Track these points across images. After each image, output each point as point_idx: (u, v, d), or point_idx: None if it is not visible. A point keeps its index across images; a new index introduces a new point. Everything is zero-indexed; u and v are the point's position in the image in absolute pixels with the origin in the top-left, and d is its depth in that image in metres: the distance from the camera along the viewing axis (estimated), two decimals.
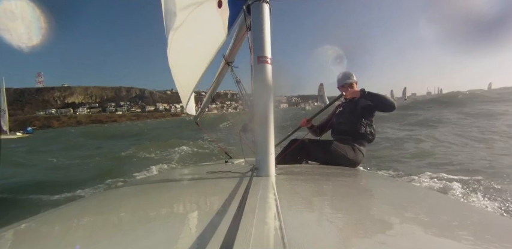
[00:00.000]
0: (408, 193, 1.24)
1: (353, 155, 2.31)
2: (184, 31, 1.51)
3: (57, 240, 0.68)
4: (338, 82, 2.65)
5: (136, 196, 1.24)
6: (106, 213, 0.92)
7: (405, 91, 65.40)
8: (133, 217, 0.83)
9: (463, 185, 3.37)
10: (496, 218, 0.89)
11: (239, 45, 1.71)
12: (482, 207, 2.20)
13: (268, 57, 1.23)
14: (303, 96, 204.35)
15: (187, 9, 1.49)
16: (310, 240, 0.52)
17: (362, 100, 2.42)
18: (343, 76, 2.63)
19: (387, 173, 4.38)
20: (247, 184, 0.99)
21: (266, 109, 1.19)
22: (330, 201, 0.95)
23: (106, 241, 0.61)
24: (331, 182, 1.39)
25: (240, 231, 0.51)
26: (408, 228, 0.64)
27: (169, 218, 0.78)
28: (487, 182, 3.42)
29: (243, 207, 0.66)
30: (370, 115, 2.47)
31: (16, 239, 0.75)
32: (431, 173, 4.02)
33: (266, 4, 1.27)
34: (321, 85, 38.10)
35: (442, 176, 3.81)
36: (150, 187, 1.47)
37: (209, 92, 2.51)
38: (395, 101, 2.28)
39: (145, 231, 0.65)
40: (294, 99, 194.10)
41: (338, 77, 2.66)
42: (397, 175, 4.20)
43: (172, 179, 1.71)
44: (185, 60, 1.64)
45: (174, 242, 0.57)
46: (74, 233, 0.73)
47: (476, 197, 2.99)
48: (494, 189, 3.19)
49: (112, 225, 0.75)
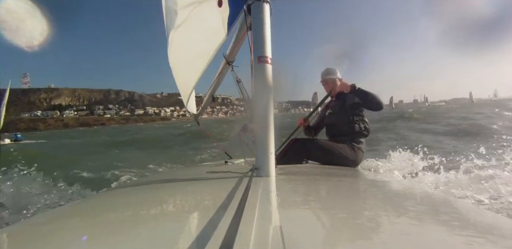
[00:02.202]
0: (409, 193, 1.25)
1: (353, 155, 2.33)
2: (185, 30, 1.51)
3: (57, 240, 0.67)
4: (321, 77, 2.69)
5: (136, 196, 1.23)
6: (105, 213, 0.91)
7: (392, 100, 67.04)
8: (133, 217, 0.81)
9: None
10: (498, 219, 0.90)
11: (239, 44, 1.72)
12: (483, 208, 2.23)
13: (269, 56, 1.23)
14: (294, 102, 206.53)
15: (188, 8, 1.49)
16: (310, 240, 0.52)
17: (349, 97, 2.45)
18: (326, 72, 2.66)
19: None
20: (247, 184, 0.99)
21: (266, 109, 1.19)
22: (330, 201, 0.95)
23: (105, 241, 0.61)
24: (331, 182, 1.39)
25: (239, 231, 0.51)
26: (409, 228, 0.64)
27: (169, 218, 0.77)
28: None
29: (243, 208, 0.66)
30: (360, 111, 2.48)
31: (16, 239, 0.74)
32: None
33: (266, 4, 1.27)
34: (315, 94, 38.77)
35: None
36: (150, 187, 1.47)
37: (210, 91, 2.50)
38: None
39: (145, 231, 0.64)
40: (285, 105, 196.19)
41: (322, 72, 2.70)
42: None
43: (173, 179, 1.71)
44: (186, 58, 1.64)
45: (173, 242, 0.56)
46: (73, 233, 0.72)
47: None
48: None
49: (111, 225, 0.74)
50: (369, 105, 2.36)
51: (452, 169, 3.82)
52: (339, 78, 2.61)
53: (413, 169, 4.07)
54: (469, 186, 3.11)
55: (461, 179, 3.39)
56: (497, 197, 2.77)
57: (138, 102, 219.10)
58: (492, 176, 3.21)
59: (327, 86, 2.62)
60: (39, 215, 0.98)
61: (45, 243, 0.64)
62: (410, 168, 4.09)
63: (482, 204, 2.68)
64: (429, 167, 4.04)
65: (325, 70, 2.67)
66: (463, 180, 3.36)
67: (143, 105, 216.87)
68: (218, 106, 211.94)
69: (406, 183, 2.30)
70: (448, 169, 3.78)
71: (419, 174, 3.90)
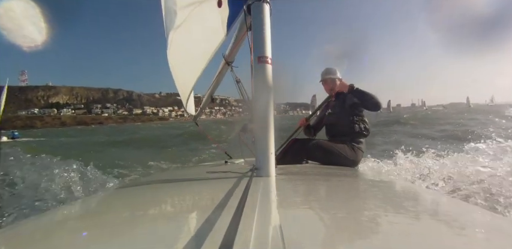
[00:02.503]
0: (409, 193, 1.25)
1: (352, 155, 2.33)
2: (185, 30, 1.51)
3: (57, 240, 0.67)
4: (321, 77, 2.71)
5: (136, 196, 1.22)
6: (105, 213, 0.90)
7: (390, 104, 67.12)
8: (133, 217, 0.81)
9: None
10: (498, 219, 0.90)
11: (239, 44, 1.71)
12: (483, 208, 2.23)
13: (269, 57, 1.24)
14: (292, 104, 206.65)
15: (188, 8, 1.49)
16: (310, 240, 0.52)
17: (348, 98, 2.45)
18: (326, 71, 2.68)
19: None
20: (247, 184, 0.99)
21: (266, 109, 1.19)
22: (330, 201, 0.95)
23: (105, 241, 0.60)
24: (331, 182, 1.39)
25: (239, 232, 0.51)
26: (409, 228, 0.64)
27: (168, 218, 0.77)
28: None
29: (243, 208, 0.66)
30: (359, 111, 2.49)
31: (16, 239, 0.73)
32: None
33: (266, 4, 1.28)
34: (314, 96, 38.84)
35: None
36: (149, 186, 1.46)
37: (209, 92, 2.50)
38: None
39: (144, 231, 0.64)
40: (283, 107, 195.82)
41: (322, 72, 2.71)
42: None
43: (172, 179, 1.70)
44: (185, 59, 1.64)
45: (173, 242, 0.56)
46: (73, 233, 0.71)
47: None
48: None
49: (111, 224, 0.74)
50: (366, 104, 2.37)
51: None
52: (339, 78, 2.62)
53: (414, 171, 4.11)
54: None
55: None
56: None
57: (137, 102, 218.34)
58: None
59: (327, 86, 2.63)
60: (40, 215, 0.97)
61: (45, 244, 0.64)
62: (412, 170, 4.13)
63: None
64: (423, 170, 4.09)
65: (325, 70, 2.68)
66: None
67: (141, 104, 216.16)
68: (216, 107, 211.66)
69: (406, 183, 2.31)
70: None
71: (418, 176, 3.94)
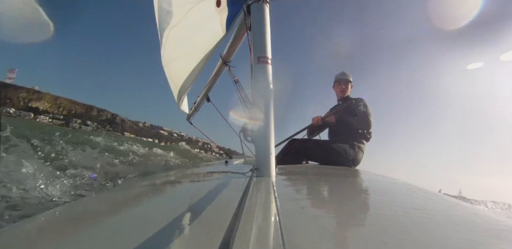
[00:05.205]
0: (409, 193, 1.26)
1: (353, 154, 2.35)
2: (182, 29, 1.49)
3: (57, 240, 0.66)
4: (335, 78, 2.78)
5: (135, 196, 1.21)
6: (104, 213, 0.90)
7: None
8: (133, 217, 0.81)
9: None
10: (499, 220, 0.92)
11: (237, 44, 1.71)
12: (483, 209, 2.27)
13: (269, 57, 1.24)
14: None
15: (185, 8, 1.48)
16: (310, 241, 0.52)
17: (354, 104, 2.50)
18: (341, 73, 2.75)
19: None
20: (247, 184, 0.98)
21: (266, 109, 1.19)
22: (330, 201, 0.94)
23: (104, 241, 0.60)
24: (332, 182, 1.39)
25: (239, 232, 0.50)
26: (409, 228, 0.64)
27: (168, 218, 0.75)
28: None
29: (243, 208, 0.65)
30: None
31: (16, 239, 0.72)
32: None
33: (266, 4, 1.28)
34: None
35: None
36: (149, 187, 1.45)
37: (204, 91, 2.48)
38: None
39: (143, 231, 0.64)
40: None
41: (337, 74, 2.79)
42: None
43: (172, 179, 1.69)
44: (181, 58, 1.62)
45: (172, 242, 0.55)
46: (73, 233, 0.70)
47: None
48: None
49: (110, 225, 0.73)
50: (356, 126, 2.46)
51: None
52: (351, 81, 2.71)
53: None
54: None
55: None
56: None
57: (118, 126, 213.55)
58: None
59: (339, 87, 2.70)
60: (39, 215, 0.95)
61: (45, 243, 0.64)
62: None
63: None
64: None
65: (340, 72, 2.76)
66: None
67: (122, 129, 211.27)
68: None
69: (407, 183, 2.33)
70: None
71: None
